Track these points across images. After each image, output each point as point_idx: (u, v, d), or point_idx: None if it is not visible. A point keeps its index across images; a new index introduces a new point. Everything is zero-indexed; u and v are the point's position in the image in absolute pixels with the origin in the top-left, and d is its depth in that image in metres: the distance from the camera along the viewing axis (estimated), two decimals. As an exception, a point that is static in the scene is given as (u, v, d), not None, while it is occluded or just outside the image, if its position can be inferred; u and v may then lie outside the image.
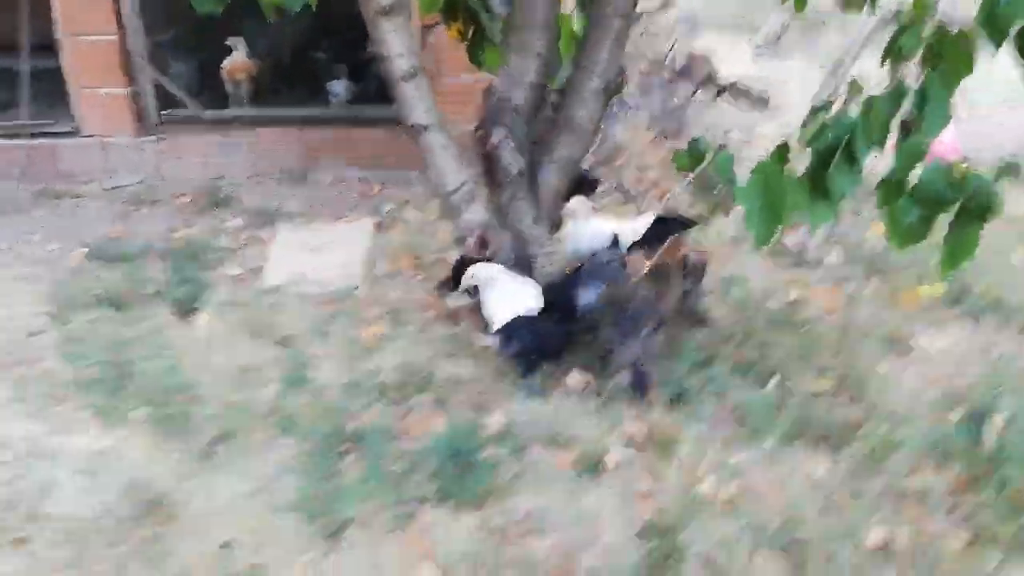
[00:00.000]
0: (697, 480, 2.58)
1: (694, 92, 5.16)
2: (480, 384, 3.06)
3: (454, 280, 3.37)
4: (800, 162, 2.42)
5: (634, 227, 3.62)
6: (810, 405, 2.90)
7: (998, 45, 2.33)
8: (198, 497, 2.56)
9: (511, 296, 3.04)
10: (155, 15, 5.11)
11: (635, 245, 3.73)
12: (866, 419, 2.83)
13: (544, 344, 3.00)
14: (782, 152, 2.30)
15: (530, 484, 2.59)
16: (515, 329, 2.96)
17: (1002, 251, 4.03)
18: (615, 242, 3.21)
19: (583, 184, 4.73)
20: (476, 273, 3.11)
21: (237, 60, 5.26)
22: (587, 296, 3.04)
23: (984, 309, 3.50)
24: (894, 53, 2.39)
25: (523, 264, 3.23)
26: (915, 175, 2.31)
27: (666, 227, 3.70)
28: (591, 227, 3.38)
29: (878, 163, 2.45)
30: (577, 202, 3.37)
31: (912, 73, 2.30)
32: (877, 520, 2.43)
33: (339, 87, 5.50)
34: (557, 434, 2.78)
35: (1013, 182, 4.85)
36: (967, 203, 2.15)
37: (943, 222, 2.32)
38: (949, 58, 2.27)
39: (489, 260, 3.12)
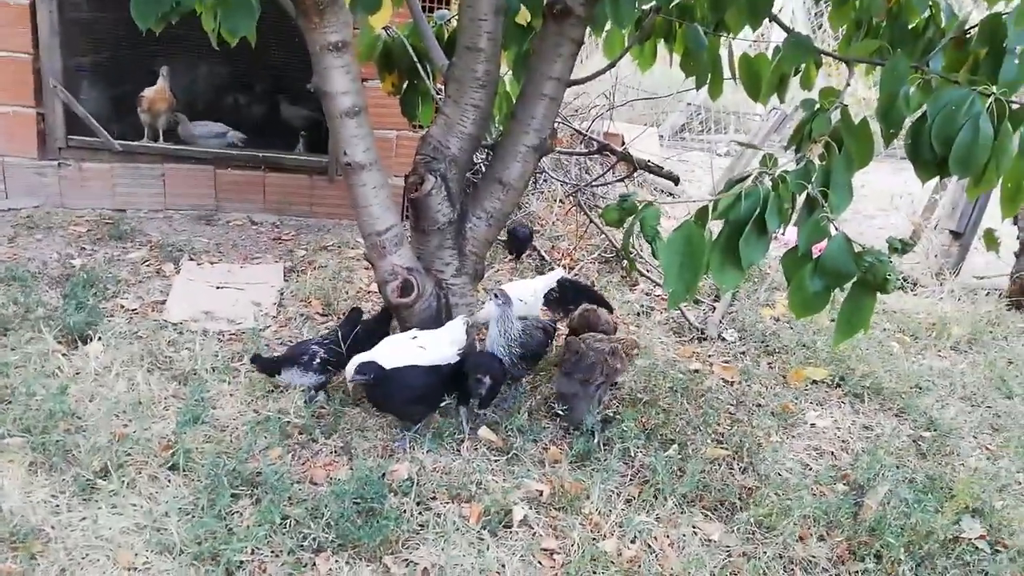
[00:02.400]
0: (601, 538, 2.60)
1: (612, 167, 5.40)
2: (388, 432, 3.01)
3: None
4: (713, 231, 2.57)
5: (534, 287, 3.75)
6: (709, 471, 3.00)
7: (890, 137, 2.61)
8: (75, 532, 2.39)
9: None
10: (74, 38, 4.96)
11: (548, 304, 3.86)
12: (758, 487, 2.95)
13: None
14: (702, 216, 2.44)
15: (434, 536, 2.54)
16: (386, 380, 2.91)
17: (882, 341, 4.36)
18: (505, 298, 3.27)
19: (517, 238, 4.87)
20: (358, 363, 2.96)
21: (158, 90, 5.13)
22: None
23: (865, 391, 3.75)
24: (803, 135, 2.61)
25: (443, 313, 3.24)
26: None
27: (578, 295, 3.85)
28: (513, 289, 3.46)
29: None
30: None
31: (816, 155, 2.51)
32: (768, 584, 2.52)
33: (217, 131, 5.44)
34: (463, 487, 2.76)
35: (893, 283, 5.31)
36: (864, 276, 2.32)
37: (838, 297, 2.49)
38: (852, 143, 2.50)
39: (412, 305, 3.11)
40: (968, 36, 2.80)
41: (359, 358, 2.92)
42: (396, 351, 3.01)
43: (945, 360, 4.31)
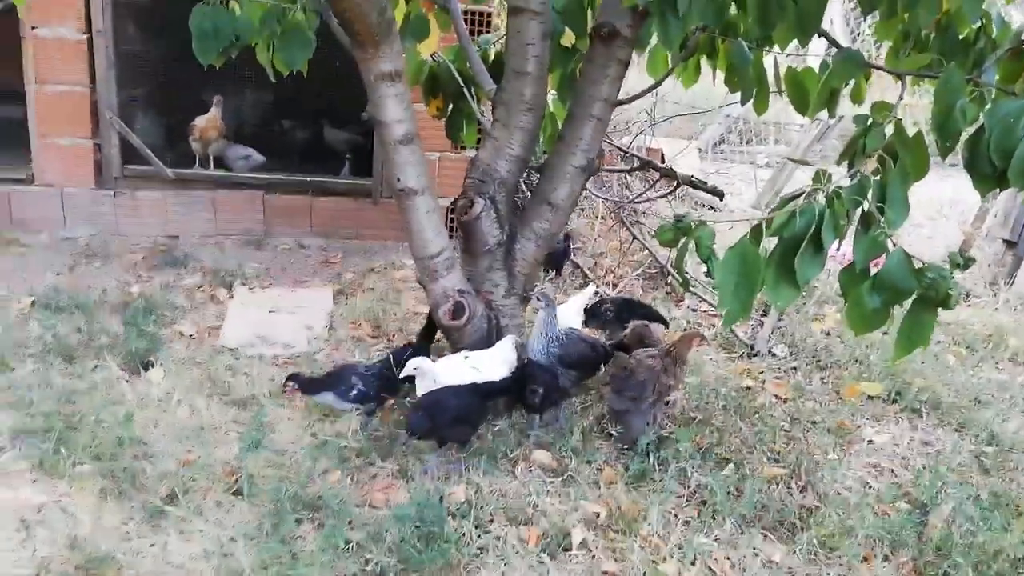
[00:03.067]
0: (661, 560, 2.59)
1: (655, 182, 5.39)
2: (445, 454, 3.04)
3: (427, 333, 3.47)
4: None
5: (578, 303, 3.78)
6: (766, 490, 2.97)
7: (947, 151, 2.57)
8: (146, 558, 2.45)
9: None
10: (129, 70, 5.13)
11: (593, 317, 3.89)
12: (819, 506, 2.91)
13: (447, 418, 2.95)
14: (757, 233, 2.43)
15: (494, 560, 2.55)
16: (422, 407, 2.94)
17: (937, 354, 4.28)
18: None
19: (554, 252, 4.90)
20: (416, 364, 3.09)
21: (210, 119, 5.27)
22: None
23: (922, 406, 3.68)
24: (857, 150, 2.59)
25: (493, 334, 3.27)
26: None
27: (632, 312, 3.85)
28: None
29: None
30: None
31: (871, 170, 2.49)
32: (833, 606, 2.48)
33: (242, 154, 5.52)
34: (521, 510, 2.77)
35: (955, 299, 5.20)
36: (925, 292, 2.29)
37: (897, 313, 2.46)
38: (907, 157, 2.47)
39: (463, 327, 3.14)
40: (1024, 47, 2.75)
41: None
42: (450, 370, 3.04)
43: (1003, 372, 4.22)
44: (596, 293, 4.28)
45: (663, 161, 6.77)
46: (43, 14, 4.67)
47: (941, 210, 6.69)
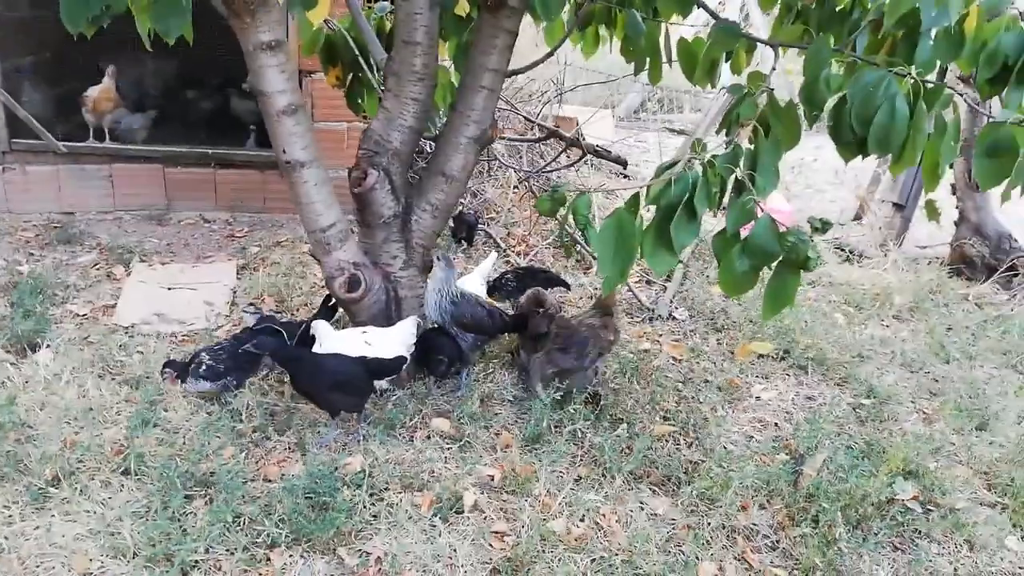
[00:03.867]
0: (550, 518, 2.68)
1: (561, 152, 5.45)
2: (342, 426, 3.06)
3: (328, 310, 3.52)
4: (648, 218, 2.65)
5: (480, 272, 3.84)
6: (656, 448, 3.09)
7: (813, 119, 2.68)
8: (28, 541, 2.41)
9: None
10: (13, 39, 4.88)
11: (496, 290, 3.96)
12: (703, 461, 3.05)
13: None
14: (634, 203, 2.51)
15: (386, 526, 2.60)
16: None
17: (827, 313, 4.49)
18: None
19: (463, 225, 4.94)
20: (315, 326, 3.21)
21: (103, 89, 5.07)
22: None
23: (809, 363, 3.87)
24: (731, 120, 2.68)
25: (392, 306, 3.29)
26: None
27: (534, 278, 3.93)
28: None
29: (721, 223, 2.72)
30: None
31: (746, 139, 2.58)
32: (710, 555, 2.62)
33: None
34: (416, 476, 2.82)
35: (840, 255, 5.41)
36: (787, 256, 2.41)
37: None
38: (779, 126, 2.58)
39: (360, 300, 3.15)
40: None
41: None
42: (343, 346, 3.06)
43: (888, 329, 4.46)
44: (504, 262, 4.32)
45: (576, 129, 6.84)
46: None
47: (837, 175, 6.96)
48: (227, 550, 2.44)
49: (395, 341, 3.16)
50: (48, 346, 3.40)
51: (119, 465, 2.73)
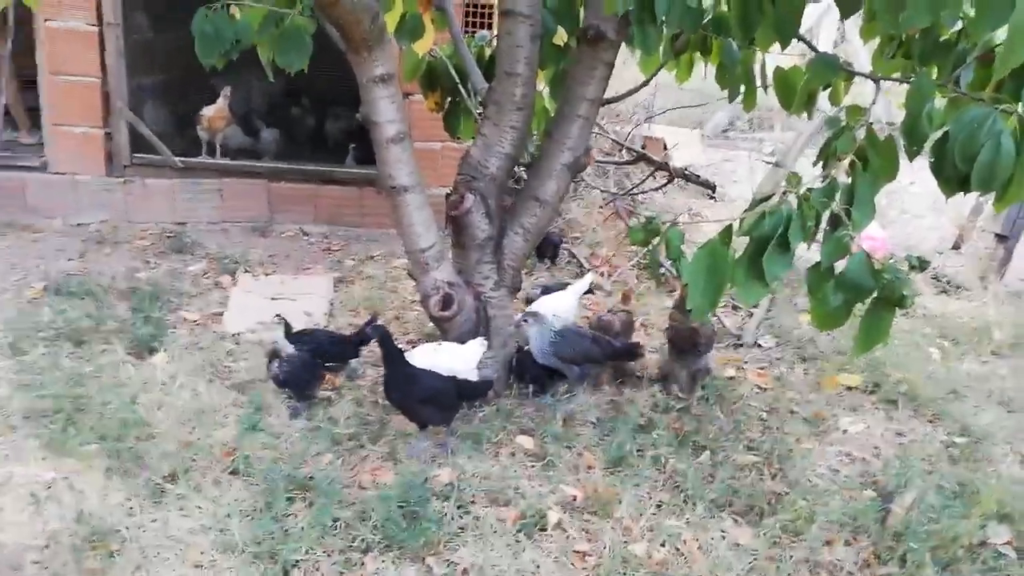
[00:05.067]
0: (632, 541, 2.73)
1: (649, 175, 5.49)
2: (431, 440, 3.19)
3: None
4: (740, 246, 2.68)
5: (567, 298, 3.91)
6: (739, 476, 3.10)
7: (914, 154, 2.66)
8: (147, 533, 2.61)
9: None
10: (139, 60, 5.27)
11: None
12: (787, 492, 3.04)
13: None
14: (726, 234, 2.55)
15: (473, 538, 2.70)
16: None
17: (920, 346, 4.38)
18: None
19: (548, 244, 5.05)
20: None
21: (218, 109, 5.41)
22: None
23: (899, 398, 3.79)
24: (829, 153, 2.69)
25: (481, 324, 3.41)
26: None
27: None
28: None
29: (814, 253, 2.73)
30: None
31: (843, 172, 2.59)
32: (794, 588, 2.62)
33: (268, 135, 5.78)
34: (501, 492, 2.92)
35: (936, 285, 5.26)
36: (883, 292, 2.41)
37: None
38: (877, 160, 2.57)
39: (452, 318, 3.28)
40: (995, 53, 2.83)
41: None
42: (420, 355, 3.21)
43: (985, 365, 4.31)
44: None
45: (664, 150, 6.86)
46: (55, 7, 4.82)
47: (937, 202, 6.73)
48: (325, 552, 2.59)
49: (460, 358, 3.27)
50: (164, 350, 3.66)
51: (228, 465, 2.92)
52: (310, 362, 3.32)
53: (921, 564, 2.67)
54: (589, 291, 4.19)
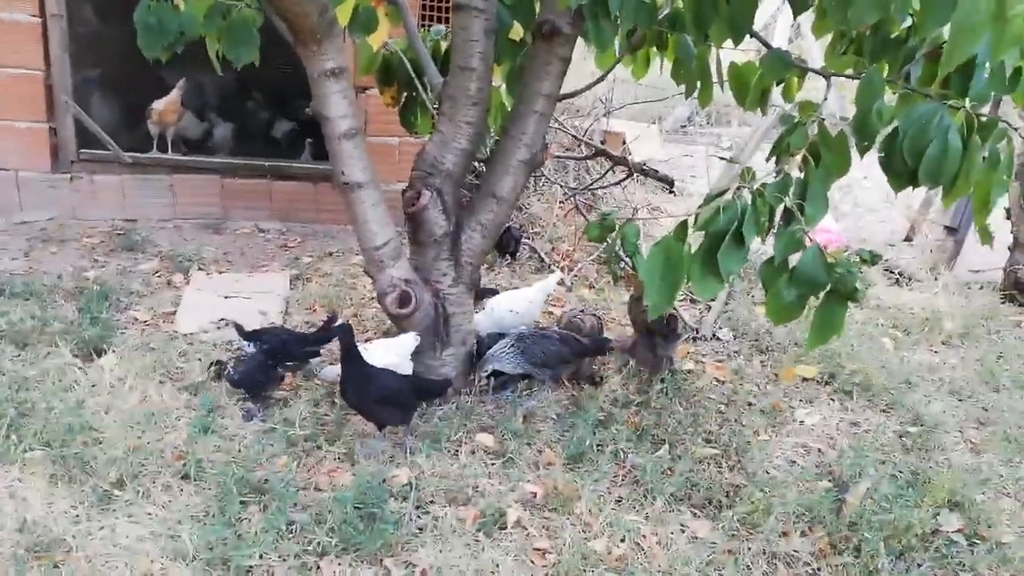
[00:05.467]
0: (592, 537, 2.73)
1: (608, 170, 5.50)
2: (390, 438, 3.15)
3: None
4: (696, 241, 2.69)
5: (527, 296, 3.90)
6: (697, 470, 3.12)
7: (864, 150, 2.69)
8: (94, 541, 2.53)
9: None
10: (84, 52, 5.11)
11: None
12: (745, 485, 3.07)
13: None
14: (681, 231, 2.56)
15: (432, 539, 2.67)
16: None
17: (874, 337, 4.46)
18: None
19: (508, 239, 5.02)
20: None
21: (170, 102, 5.27)
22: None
23: (854, 388, 3.85)
24: (782, 149, 2.71)
25: (440, 322, 3.37)
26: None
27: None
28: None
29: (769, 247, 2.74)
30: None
31: (797, 167, 2.60)
32: (751, 580, 2.64)
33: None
34: (461, 491, 2.89)
35: (889, 277, 5.36)
36: (835, 286, 2.43)
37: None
38: (829, 155, 2.59)
39: (410, 316, 3.24)
40: (942, 50, 2.87)
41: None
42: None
43: (936, 355, 4.41)
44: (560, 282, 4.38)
45: (623, 145, 6.88)
46: (-3, -2, 4.65)
47: (888, 197, 6.86)
48: (280, 557, 2.54)
49: (392, 351, 3.24)
50: (113, 351, 3.56)
51: (179, 470, 2.85)
52: (265, 362, 3.26)
53: (875, 553, 2.71)
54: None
